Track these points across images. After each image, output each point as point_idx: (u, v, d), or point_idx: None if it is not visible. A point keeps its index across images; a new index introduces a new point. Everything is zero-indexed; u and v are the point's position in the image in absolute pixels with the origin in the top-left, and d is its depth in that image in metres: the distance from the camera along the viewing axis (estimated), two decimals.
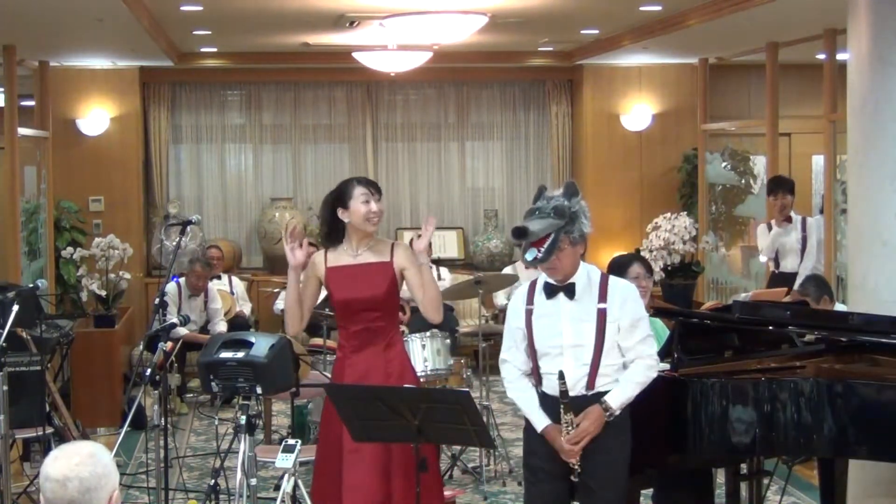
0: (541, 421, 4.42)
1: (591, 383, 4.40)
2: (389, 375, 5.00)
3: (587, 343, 4.38)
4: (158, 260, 11.75)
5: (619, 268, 5.48)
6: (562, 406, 4.33)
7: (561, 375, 4.34)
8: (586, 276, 4.46)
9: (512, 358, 4.56)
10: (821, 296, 6.90)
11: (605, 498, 4.42)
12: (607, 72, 11.98)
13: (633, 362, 4.43)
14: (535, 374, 4.49)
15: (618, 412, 4.39)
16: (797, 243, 8.99)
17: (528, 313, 4.50)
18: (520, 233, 4.35)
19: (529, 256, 4.38)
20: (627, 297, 4.46)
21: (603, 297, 4.43)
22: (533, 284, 4.56)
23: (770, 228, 9.09)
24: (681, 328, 4.89)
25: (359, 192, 5.07)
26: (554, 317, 4.41)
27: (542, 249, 4.35)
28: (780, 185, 9.11)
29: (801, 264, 8.93)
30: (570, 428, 4.33)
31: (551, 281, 4.44)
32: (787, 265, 9.03)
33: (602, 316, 4.40)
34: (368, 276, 5.04)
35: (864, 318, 5.13)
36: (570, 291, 4.42)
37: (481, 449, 7.26)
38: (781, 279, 8.78)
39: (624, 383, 4.42)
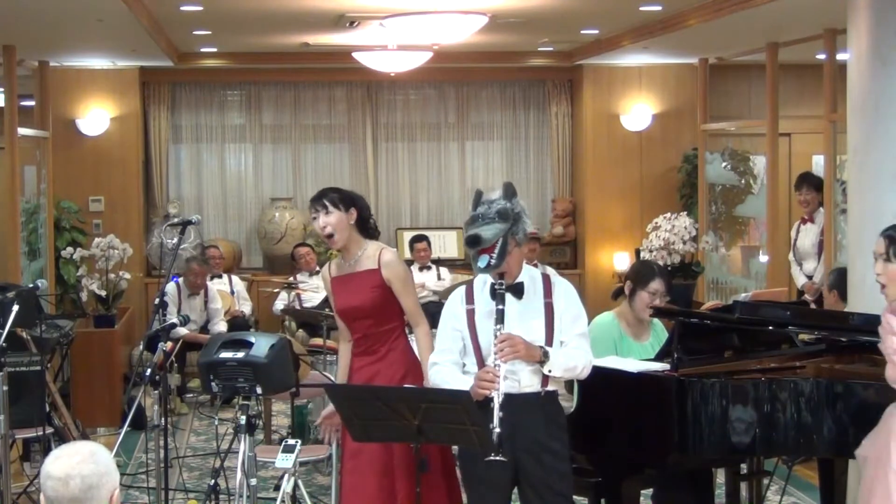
0: (466, 384, 4.33)
1: (544, 381, 4.39)
2: (391, 380, 5.01)
3: (537, 339, 4.36)
4: (153, 261, 11.75)
5: (639, 277, 5.42)
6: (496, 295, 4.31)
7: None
8: (529, 275, 4.48)
9: (442, 361, 4.51)
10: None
11: (549, 496, 4.40)
12: (607, 72, 11.99)
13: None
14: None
15: (549, 368, 4.31)
16: (812, 247, 8.78)
17: (470, 314, 4.48)
18: (474, 241, 4.37)
19: (482, 263, 4.36)
20: (569, 294, 4.50)
21: (548, 293, 4.46)
22: (470, 285, 4.56)
23: (798, 228, 8.95)
24: (681, 328, 4.89)
25: (311, 212, 5.13)
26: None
27: (494, 255, 4.34)
28: (805, 181, 8.93)
29: (816, 268, 8.69)
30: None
31: (502, 287, 4.37)
32: (807, 268, 8.79)
33: (550, 309, 4.43)
34: (358, 285, 5.07)
35: (864, 318, 5.13)
36: (517, 291, 4.42)
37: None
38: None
39: (566, 350, 4.40)
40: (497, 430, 4.14)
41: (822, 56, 9.10)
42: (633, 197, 12.03)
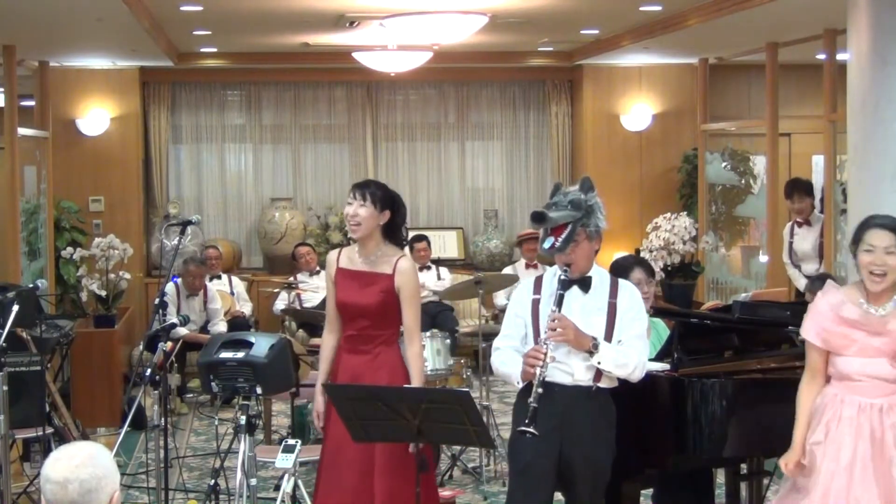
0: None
1: (597, 376, 4.40)
2: (373, 382, 4.96)
3: (597, 336, 4.37)
4: (159, 260, 11.76)
5: (619, 272, 5.44)
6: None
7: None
8: (599, 274, 4.52)
9: (504, 346, 4.55)
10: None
11: (585, 490, 4.43)
12: (607, 72, 11.98)
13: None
14: None
15: (599, 361, 4.33)
16: (813, 250, 8.78)
17: (535, 303, 4.50)
18: (539, 217, 4.38)
19: (547, 244, 4.40)
20: (634, 297, 4.52)
21: (614, 293, 4.48)
22: (539, 277, 4.59)
23: (792, 230, 8.98)
24: (681, 328, 4.90)
25: (349, 195, 5.09)
26: (564, 308, 4.39)
27: (560, 239, 4.36)
28: (795, 188, 8.95)
29: (818, 270, 8.66)
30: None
31: (566, 275, 4.40)
32: (808, 269, 8.78)
33: (613, 309, 4.45)
34: (367, 285, 5.03)
35: None
36: (585, 285, 4.45)
37: (481, 449, 7.26)
38: (822, 278, 8.34)
39: (620, 347, 4.41)
40: (534, 405, 4.19)
41: (822, 56, 9.10)
42: (633, 197, 12.02)
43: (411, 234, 11.38)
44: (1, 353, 5.75)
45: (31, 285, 6.63)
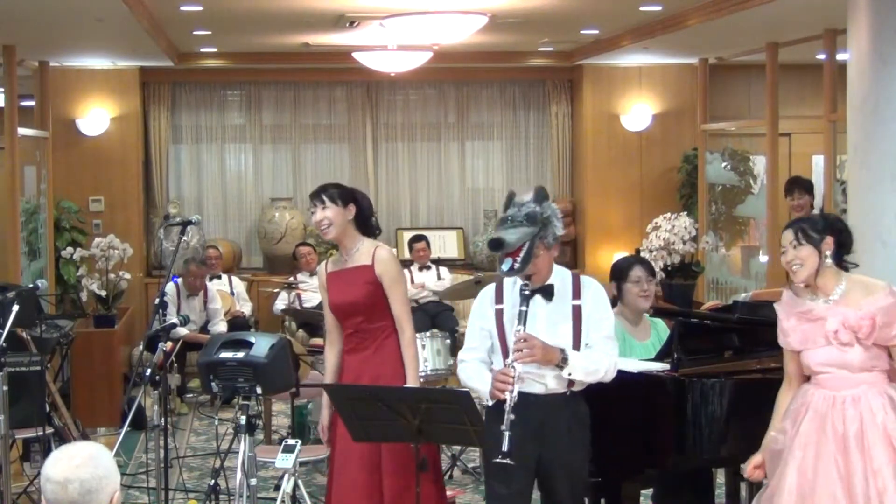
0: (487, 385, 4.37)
1: (570, 382, 4.39)
2: (378, 379, 4.99)
3: (565, 343, 4.36)
4: (160, 260, 11.77)
5: (619, 272, 5.44)
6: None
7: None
8: (560, 277, 4.46)
9: (469, 359, 4.51)
10: None
11: (565, 492, 4.43)
12: (607, 72, 11.99)
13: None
14: None
15: (569, 372, 4.30)
16: None
17: (499, 313, 4.46)
18: (497, 245, 4.32)
19: (505, 267, 4.33)
20: (598, 295, 4.48)
21: (577, 294, 4.44)
22: (500, 284, 4.52)
23: None
24: (681, 328, 4.89)
25: (309, 207, 5.19)
26: (529, 318, 4.33)
27: (519, 259, 4.31)
28: (795, 185, 8.95)
29: None
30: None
31: (527, 288, 4.34)
32: None
33: (577, 312, 4.42)
34: (351, 281, 5.09)
35: None
36: (547, 293, 4.40)
37: (481, 449, 7.25)
38: None
39: (589, 353, 4.38)
40: (507, 432, 4.14)
41: (822, 56, 9.10)
42: (633, 197, 12.03)
43: (411, 234, 11.51)
44: (1, 353, 5.75)
45: (31, 285, 6.63)
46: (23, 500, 6.74)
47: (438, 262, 11.16)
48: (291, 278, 11.03)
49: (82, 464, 2.92)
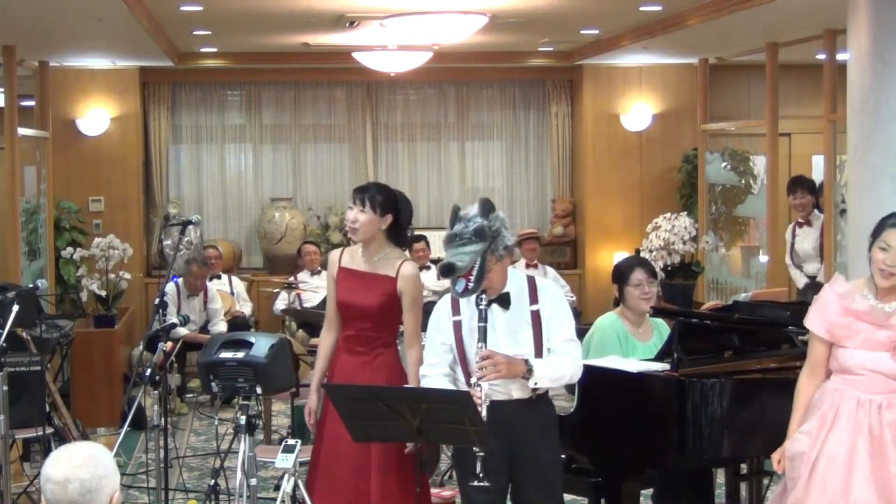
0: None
1: (534, 388, 4.37)
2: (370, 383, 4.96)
3: (526, 350, 4.34)
4: (161, 259, 11.77)
5: (620, 275, 5.44)
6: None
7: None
8: (515, 283, 4.42)
9: (432, 374, 4.48)
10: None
11: (540, 493, 4.41)
12: (607, 72, 11.98)
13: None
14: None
15: (535, 382, 4.28)
16: (814, 251, 8.75)
17: (457, 325, 4.44)
18: (448, 270, 4.28)
19: (459, 288, 4.29)
20: (555, 298, 4.45)
21: (534, 298, 4.41)
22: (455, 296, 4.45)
23: (794, 231, 8.94)
24: (681, 328, 4.89)
25: (350, 200, 5.04)
26: (488, 328, 4.29)
27: (472, 278, 4.26)
28: (798, 184, 8.93)
29: (819, 270, 8.65)
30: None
31: (483, 301, 4.30)
32: (809, 270, 8.78)
33: (536, 317, 4.39)
34: (370, 287, 4.99)
35: None
36: (504, 302, 4.36)
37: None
38: (813, 286, 8.10)
39: (552, 360, 4.35)
40: (480, 454, 4.11)
41: (822, 56, 9.10)
42: (633, 197, 12.03)
43: (411, 234, 11.47)
44: (1, 353, 5.75)
45: (31, 285, 6.63)
46: (23, 500, 6.74)
47: (438, 262, 11.14)
48: (291, 278, 11.03)
49: (82, 464, 2.91)
